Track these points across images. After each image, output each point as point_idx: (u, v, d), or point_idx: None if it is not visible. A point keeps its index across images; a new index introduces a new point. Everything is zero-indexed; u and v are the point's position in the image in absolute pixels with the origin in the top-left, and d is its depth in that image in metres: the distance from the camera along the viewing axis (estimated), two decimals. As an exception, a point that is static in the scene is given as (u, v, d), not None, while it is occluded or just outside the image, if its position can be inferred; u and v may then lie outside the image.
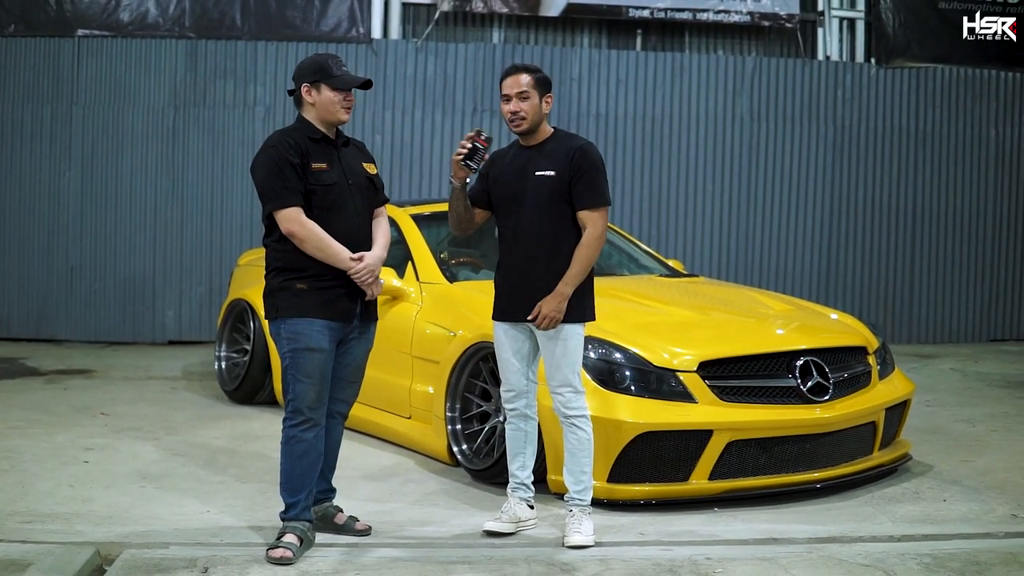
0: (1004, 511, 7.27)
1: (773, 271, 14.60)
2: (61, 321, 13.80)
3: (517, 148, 6.73)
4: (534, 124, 6.60)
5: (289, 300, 6.25)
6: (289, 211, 6.17)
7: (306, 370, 6.23)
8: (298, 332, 6.22)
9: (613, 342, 7.39)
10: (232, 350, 10.48)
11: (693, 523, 6.92)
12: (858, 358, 8.08)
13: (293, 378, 6.25)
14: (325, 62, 6.35)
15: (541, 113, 6.61)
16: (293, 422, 6.26)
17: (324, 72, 6.31)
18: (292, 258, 6.25)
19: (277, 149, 6.23)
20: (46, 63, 13.67)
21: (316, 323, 6.23)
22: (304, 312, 6.22)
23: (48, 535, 6.44)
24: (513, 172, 6.62)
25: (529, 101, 6.56)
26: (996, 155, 15.12)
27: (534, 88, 6.56)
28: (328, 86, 6.30)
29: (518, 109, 6.56)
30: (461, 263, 9.28)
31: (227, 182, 13.85)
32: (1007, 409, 10.55)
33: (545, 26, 14.67)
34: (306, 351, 6.22)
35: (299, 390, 6.24)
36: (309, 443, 6.26)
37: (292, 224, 6.16)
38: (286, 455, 6.29)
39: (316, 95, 6.32)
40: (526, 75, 6.59)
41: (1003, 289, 15.20)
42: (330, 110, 6.32)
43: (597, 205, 6.54)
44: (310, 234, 6.16)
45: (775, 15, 14.66)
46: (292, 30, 13.85)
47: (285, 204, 6.17)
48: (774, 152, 14.64)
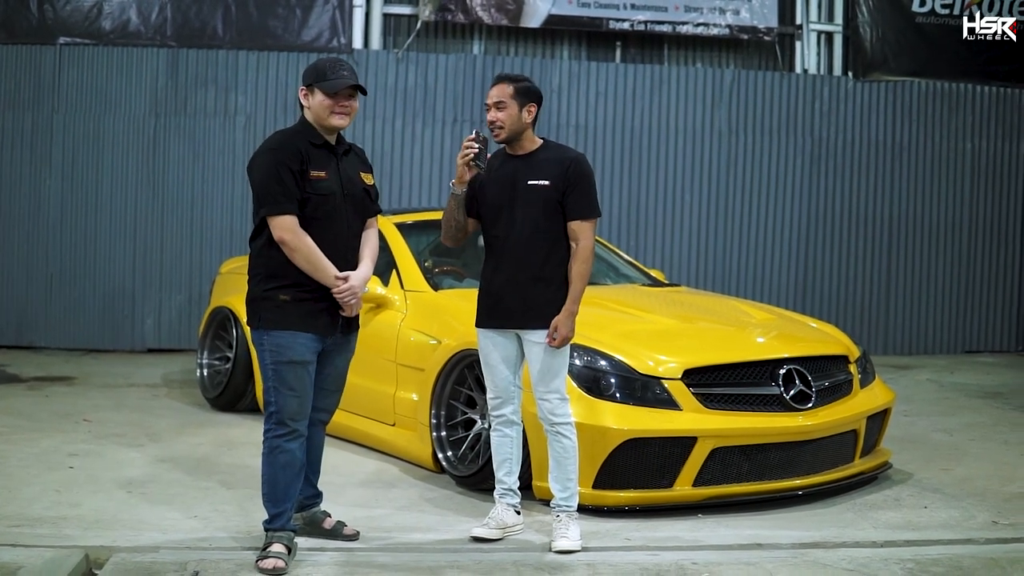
0: (984, 518, 7.35)
1: (751, 281, 14.69)
2: (40, 328, 13.77)
3: (504, 156, 6.77)
4: (513, 133, 6.64)
5: (272, 311, 6.20)
6: (284, 219, 6.12)
7: (289, 382, 6.19)
8: (281, 345, 6.19)
9: (598, 350, 7.44)
10: (214, 357, 10.49)
11: (678, 529, 6.97)
12: (840, 367, 8.15)
13: (276, 390, 6.21)
14: (323, 66, 6.32)
15: (521, 123, 6.64)
16: (276, 432, 6.22)
17: (318, 76, 6.29)
18: (276, 266, 6.21)
19: (279, 153, 6.17)
20: (27, 70, 13.65)
21: (299, 336, 6.20)
22: (287, 325, 6.19)
23: (37, 539, 6.43)
24: (502, 181, 6.65)
25: (506, 111, 6.59)
26: (972, 168, 15.24)
27: (513, 98, 6.59)
28: (320, 90, 6.28)
29: (495, 119, 6.62)
30: (445, 271, 9.31)
31: (207, 190, 13.85)
32: (984, 419, 10.63)
33: (526, 37, 14.73)
34: (289, 364, 6.19)
35: (282, 402, 6.20)
36: (292, 453, 6.23)
37: (285, 233, 6.12)
38: (269, 465, 6.24)
39: (311, 99, 6.31)
40: (508, 85, 6.62)
41: (978, 301, 15.31)
42: (321, 115, 6.29)
43: (589, 216, 6.64)
44: (301, 245, 6.13)
45: (754, 28, 14.75)
46: (273, 39, 13.88)
47: (281, 211, 6.12)
48: (752, 164, 14.73)
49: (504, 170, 6.71)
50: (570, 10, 14.38)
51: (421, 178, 14.02)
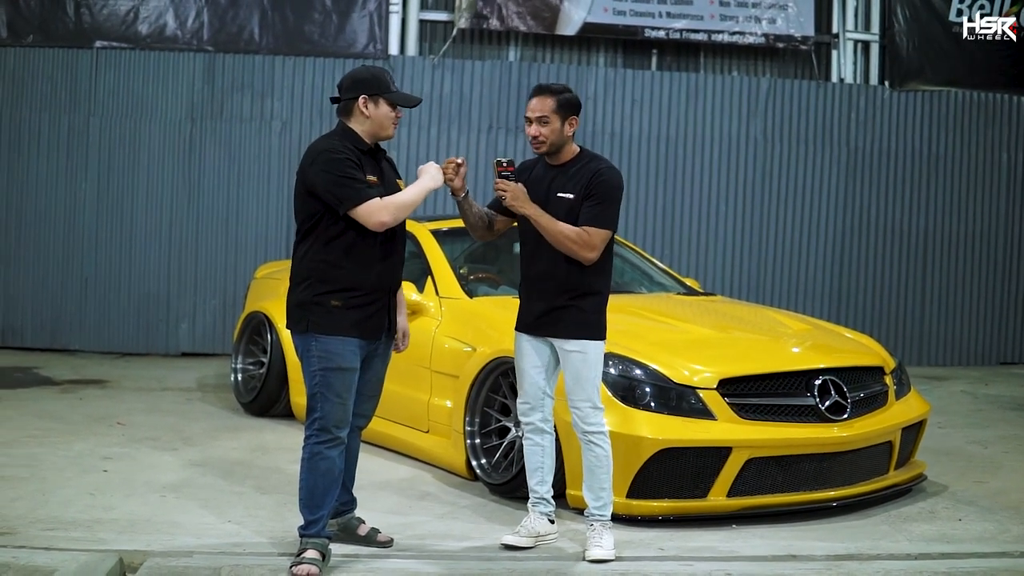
0: (1019, 531, 7.31)
1: (785, 291, 14.64)
2: (75, 332, 13.83)
3: (544, 165, 6.75)
4: (555, 147, 6.63)
5: (323, 316, 6.19)
6: (371, 203, 6.10)
7: (336, 389, 6.19)
8: (331, 351, 6.19)
9: (633, 359, 7.43)
10: (248, 362, 10.51)
11: (712, 539, 6.95)
12: (875, 378, 8.12)
13: (323, 396, 6.20)
14: (383, 76, 6.32)
15: (563, 136, 6.63)
16: (319, 440, 6.21)
17: (384, 86, 6.28)
18: (327, 271, 6.20)
19: (340, 153, 6.15)
20: (64, 74, 13.72)
21: (349, 342, 6.21)
22: (338, 330, 6.19)
23: (71, 543, 6.47)
24: (539, 189, 6.63)
25: (549, 126, 6.58)
26: (1008, 179, 15.15)
27: (555, 112, 6.57)
28: (387, 100, 6.28)
29: (538, 134, 6.60)
30: (480, 279, 9.32)
31: (242, 195, 13.89)
32: (1019, 431, 10.57)
33: (561, 45, 14.73)
34: (338, 370, 6.19)
35: (327, 409, 6.19)
36: (332, 460, 6.22)
37: (380, 214, 6.11)
38: (309, 471, 6.24)
39: (374, 108, 6.27)
40: (549, 98, 6.59)
41: (1013, 312, 15.22)
42: (384, 124, 6.30)
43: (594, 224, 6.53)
44: (396, 208, 6.16)
45: (790, 37, 14.71)
46: (310, 45, 13.91)
47: (364, 197, 6.10)
48: (787, 173, 14.68)
49: (540, 178, 6.71)
50: (605, 18, 14.36)
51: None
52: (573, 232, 6.49)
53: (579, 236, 6.48)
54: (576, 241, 6.48)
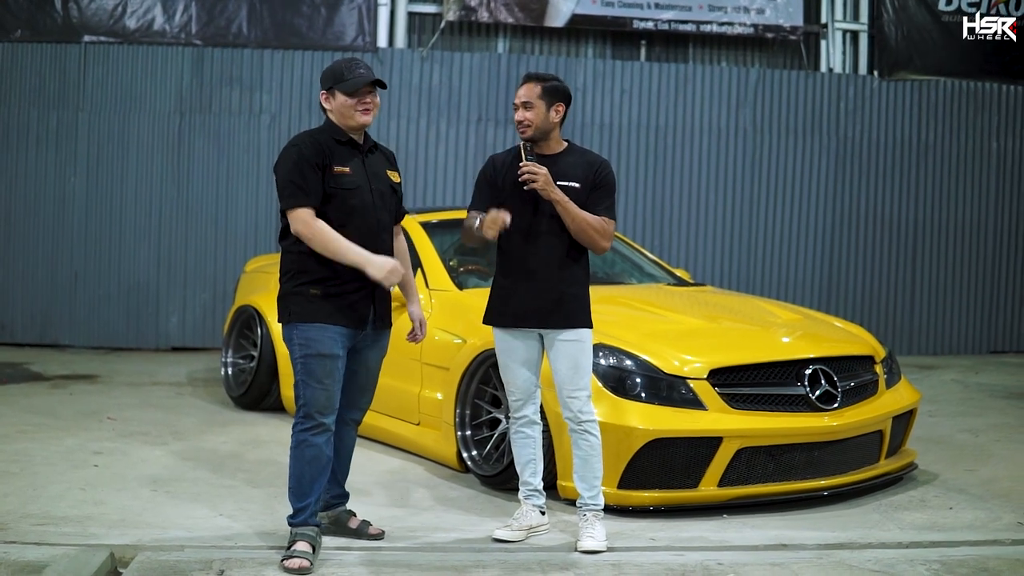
0: (1010, 519, 7.31)
1: (775, 281, 14.66)
2: (65, 326, 13.83)
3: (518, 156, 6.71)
4: (540, 132, 6.63)
5: (301, 305, 6.23)
6: (298, 212, 6.14)
7: (317, 375, 6.20)
8: (310, 338, 6.21)
9: (624, 349, 7.42)
10: (239, 356, 10.50)
11: (703, 529, 6.95)
12: (866, 367, 8.12)
13: (304, 383, 6.23)
14: (339, 68, 6.33)
15: (549, 122, 6.64)
16: (304, 426, 6.23)
17: (337, 78, 6.30)
18: (306, 262, 6.23)
19: (300, 148, 6.21)
20: (52, 69, 13.71)
21: (328, 329, 6.22)
22: (316, 318, 6.21)
23: (62, 537, 6.45)
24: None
25: (534, 111, 6.60)
26: (997, 167, 15.19)
27: (540, 98, 6.60)
28: (341, 91, 6.30)
29: (523, 118, 6.63)
30: (470, 271, 9.31)
31: (232, 189, 13.89)
32: (1009, 420, 10.58)
33: (550, 36, 14.73)
34: (318, 356, 6.20)
35: (310, 394, 6.22)
36: (319, 448, 6.23)
37: (298, 224, 6.13)
38: (295, 459, 6.26)
39: (332, 101, 6.32)
40: (536, 84, 6.64)
41: (1004, 301, 15.26)
42: (345, 114, 6.31)
43: (610, 217, 6.62)
44: (315, 233, 6.12)
45: (778, 27, 14.72)
46: (298, 38, 13.91)
47: (295, 204, 6.14)
48: (777, 163, 14.70)
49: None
50: (594, 10, 14.37)
51: (445, 177, 14.03)
52: (597, 221, 6.56)
53: (601, 225, 6.57)
54: (599, 230, 6.57)
